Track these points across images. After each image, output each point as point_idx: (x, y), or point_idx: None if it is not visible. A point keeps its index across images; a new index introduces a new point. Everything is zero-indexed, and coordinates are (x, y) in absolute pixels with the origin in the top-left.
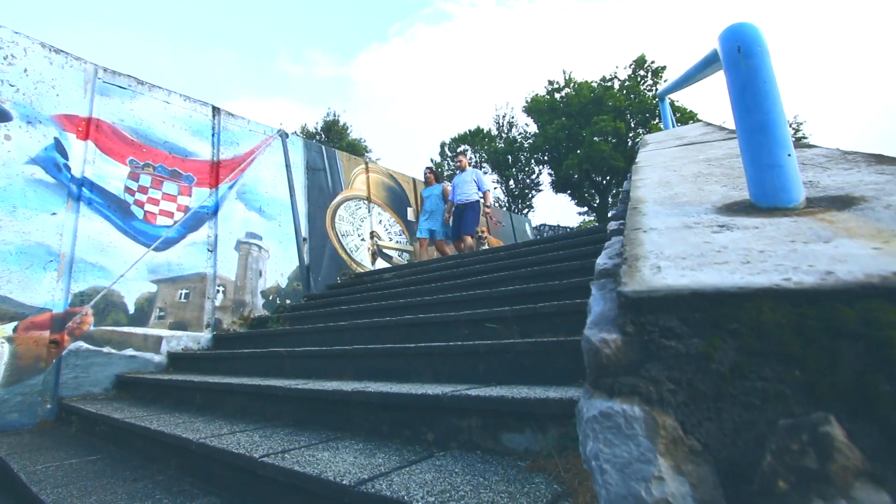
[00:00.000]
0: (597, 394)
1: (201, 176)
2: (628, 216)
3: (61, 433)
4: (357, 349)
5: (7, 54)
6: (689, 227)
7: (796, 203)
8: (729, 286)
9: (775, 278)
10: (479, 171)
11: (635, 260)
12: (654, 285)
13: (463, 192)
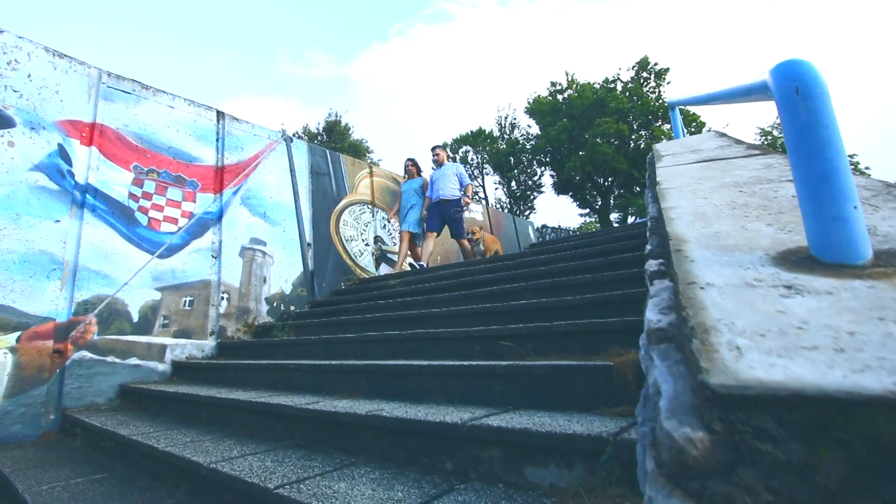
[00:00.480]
0: (678, 493)
1: (206, 181)
2: (675, 261)
3: (65, 446)
4: (368, 365)
5: (11, 59)
6: (752, 285)
7: (864, 260)
8: (834, 389)
9: (886, 382)
10: (460, 165)
11: (705, 333)
12: (744, 379)
13: (444, 188)
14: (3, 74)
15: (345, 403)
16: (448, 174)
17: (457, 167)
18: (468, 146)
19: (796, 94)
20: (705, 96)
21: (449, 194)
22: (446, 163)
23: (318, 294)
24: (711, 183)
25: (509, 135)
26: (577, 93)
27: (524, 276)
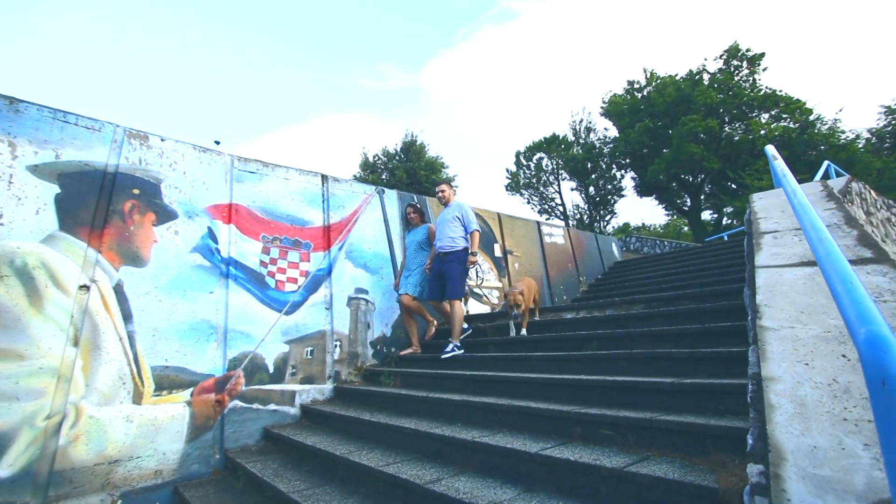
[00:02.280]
0: None
1: (316, 241)
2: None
3: (231, 486)
4: (477, 443)
5: (171, 161)
6: None
7: None
8: None
9: None
10: (467, 206)
11: None
12: None
13: (444, 237)
14: (167, 176)
15: (463, 484)
16: (448, 218)
17: (460, 207)
18: (542, 153)
19: (883, 385)
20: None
21: (448, 245)
22: (452, 202)
23: None
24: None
25: (585, 139)
26: (658, 90)
27: (618, 339)
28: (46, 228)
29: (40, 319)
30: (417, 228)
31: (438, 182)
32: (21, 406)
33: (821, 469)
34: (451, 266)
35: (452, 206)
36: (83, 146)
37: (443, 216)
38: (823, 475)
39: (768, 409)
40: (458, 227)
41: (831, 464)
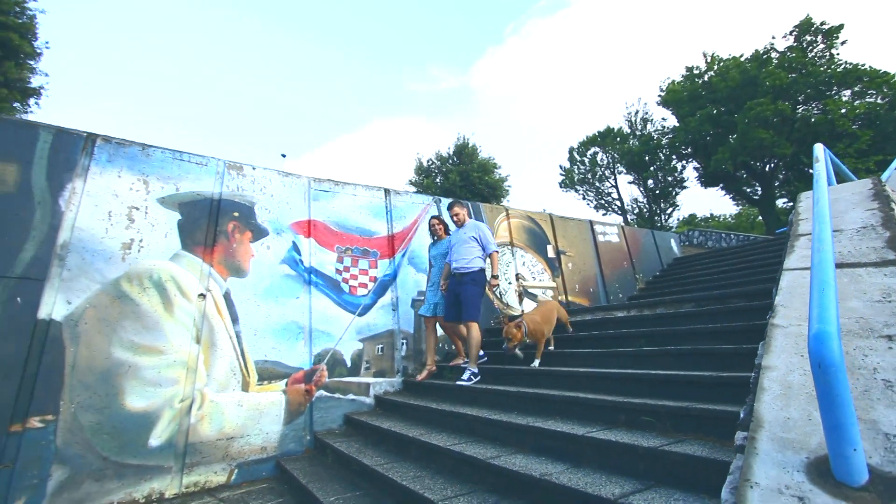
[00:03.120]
0: None
1: (382, 250)
2: (747, 449)
3: (322, 461)
4: (531, 427)
5: (261, 186)
6: (780, 491)
7: (859, 484)
8: None
9: None
10: (483, 226)
11: None
12: None
13: (460, 257)
14: (259, 199)
15: (519, 460)
16: (465, 238)
17: (477, 227)
18: (596, 147)
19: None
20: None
21: (463, 266)
22: (468, 222)
23: None
24: None
25: (641, 131)
26: (720, 74)
27: (665, 336)
28: (173, 248)
29: (172, 322)
30: (441, 241)
31: (451, 204)
32: (163, 391)
33: (788, 433)
34: (466, 287)
35: (468, 225)
36: (195, 179)
37: (458, 236)
38: (788, 437)
39: (759, 391)
40: (475, 247)
41: (797, 430)
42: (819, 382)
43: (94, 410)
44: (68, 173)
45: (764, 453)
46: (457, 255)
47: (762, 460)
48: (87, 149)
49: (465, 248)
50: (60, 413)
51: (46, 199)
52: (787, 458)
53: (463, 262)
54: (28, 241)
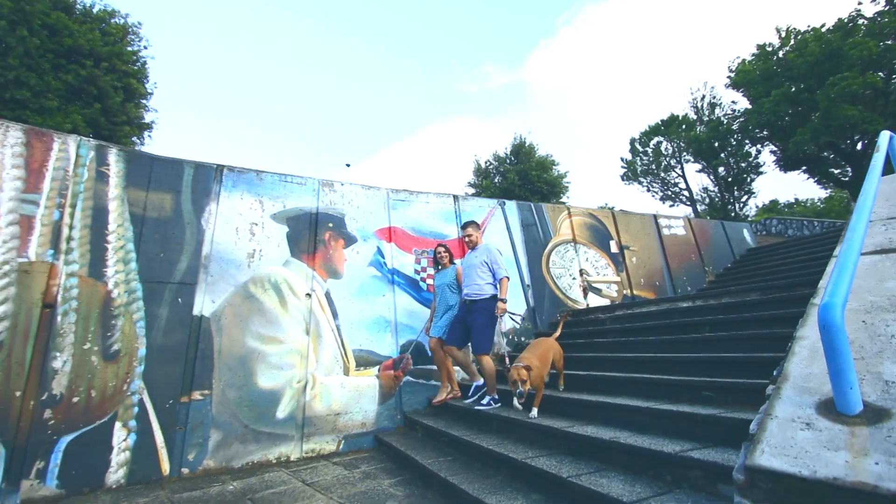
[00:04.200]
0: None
1: (454, 251)
2: (773, 394)
3: (412, 436)
4: (604, 403)
5: (349, 199)
6: (793, 420)
7: (854, 413)
8: (788, 472)
9: (815, 470)
10: (494, 249)
11: (758, 442)
12: (757, 464)
13: (471, 283)
14: (348, 211)
15: (590, 429)
16: (475, 263)
17: (488, 251)
18: (660, 136)
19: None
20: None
21: (474, 292)
22: (480, 244)
23: (539, 325)
24: (854, 301)
25: (709, 116)
26: (797, 49)
27: (729, 323)
28: (284, 256)
29: (288, 317)
30: (446, 270)
31: (465, 224)
32: (284, 373)
33: (807, 384)
34: (477, 316)
35: (480, 249)
36: (297, 197)
37: (469, 260)
38: (807, 386)
39: (791, 355)
40: (486, 272)
41: (815, 381)
42: (824, 340)
43: (236, 388)
44: (206, 198)
45: (785, 397)
46: (468, 281)
47: (783, 402)
48: (217, 177)
49: (476, 273)
50: (213, 389)
51: (192, 220)
52: (802, 400)
53: (474, 290)
54: (183, 254)
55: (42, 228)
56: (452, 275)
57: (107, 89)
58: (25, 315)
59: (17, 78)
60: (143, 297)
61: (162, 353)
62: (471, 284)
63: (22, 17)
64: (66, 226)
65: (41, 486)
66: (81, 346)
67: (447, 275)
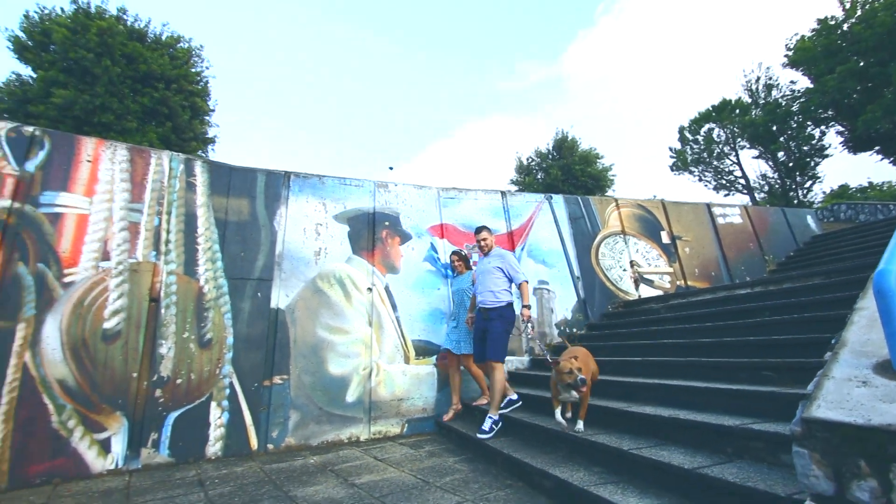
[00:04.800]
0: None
1: (503, 245)
2: (832, 357)
3: (470, 420)
4: (659, 385)
5: (403, 199)
6: (849, 379)
7: None
8: (844, 422)
9: (860, 418)
10: (509, 254)
11: (814, 399)
12: (814, 416)
13: (485, 290)
14: (402, 210)
15: (648, 409)
16: (489, 269)
17: (502, 257)
18: (711, 123)
19: None
20: None
21: (490, 300)
22: (493, 250)
23: (591, 317)
24: None
25: (765, 98)
26: (865, 20)
27: (789, 307)
28: (346, 253)
29: (352, 310)
30: (461, 276)
31: (479, 229)
32: (351, 361)
33: (864, 347)
34: (493, 323)
35: (493, 254)
36: (356, 198)
37: (483, 266)
38: (864, 350)
39: (849, 324)
40: (502, 278)
41: (872, 346)
42: (879, 305)
43: (310, 373)
44: (276, 202)
45: (842, 360)
46: (482, 288)
47: (840, 364)
48: (285, 183)
49: (491, 279)
50: (290, 374)
51: (266, 222)
52: (859, 362)
53: (489, 297)
54: (259, 253)
55: (146, 233)
56: (468, 281)
57: (176, 109)
58: (137, 308)
59: (103, 104)
60: (229, 292)
61: (246, 342)
62: (485, 292)
63: (105, 49)
64: (164, 230)
65: (156, 455)
66: (181, 335)
67: (463, 280)
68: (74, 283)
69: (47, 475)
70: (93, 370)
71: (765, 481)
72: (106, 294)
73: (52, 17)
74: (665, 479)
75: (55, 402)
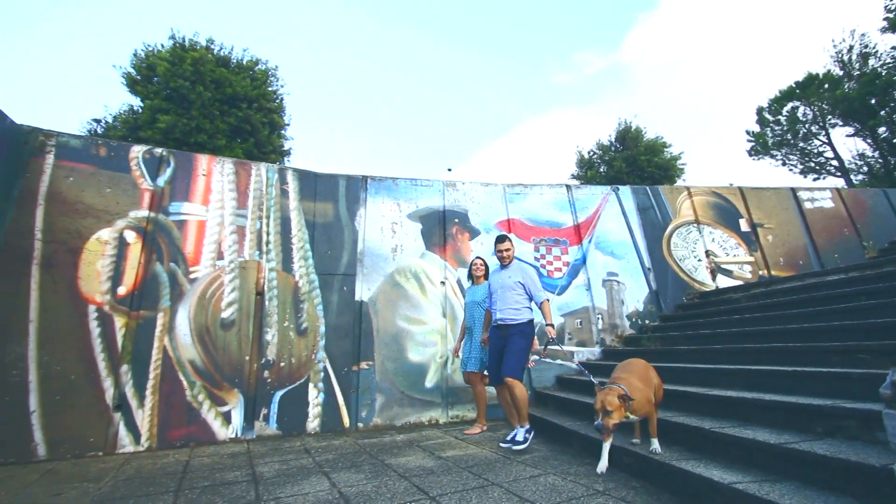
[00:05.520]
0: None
1: (570, 238)
2: None
3: (545, 407)
4: (740, 370)
5: (470, 196)
6: None
7: None
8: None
9: None
10: (531, 269)
11: None
12: None
13: (505, 306)
14: (470, 207)
15: (731, 393)
16: (509, 284)
17: (523, 271)
18: (795, 101)
19: None
20: None
21: (510, 317)
22: (513, 263)
23: (664, 308)
24: None
25: (860, 69)
26: None
27: (886, 291)
28: (420, 249)
29: (427, 302)
30: (478, 286)
31: (501, 238)
32: (428, 350)
33: None
34: (515, 339)
35: (513, 268)
36: (427, 197)
37: (500, 279)
38: None
39: None
40: (523, 294)
41: None
42: None
43: (392, 360)
44: (356, 204)
45: None
46: (501, 305)
47: None
48: (364, 186)
49: (511, 295)
50: (375, 360)
51: (348, 223)
52: None
53: (510, 314)
54: (344, 251)
55: (250, 235)
56: (485, 293)
57: (258, 126)
58: (246, 300)
59: (198, 125)
60: (320, 286)
61: (336, 331)
62: (505, 309)
63: (198, 77)
64: (264, 232)
65: (266, 427)
66: (282, 324)
67: (480, 291)
68: (198, 279)
69: (185, 439)
70: (215, 353)
71: (857, 455)
72: (222, 288)
73: (155, 52)
74: (749, 456)
75: (188, 379)
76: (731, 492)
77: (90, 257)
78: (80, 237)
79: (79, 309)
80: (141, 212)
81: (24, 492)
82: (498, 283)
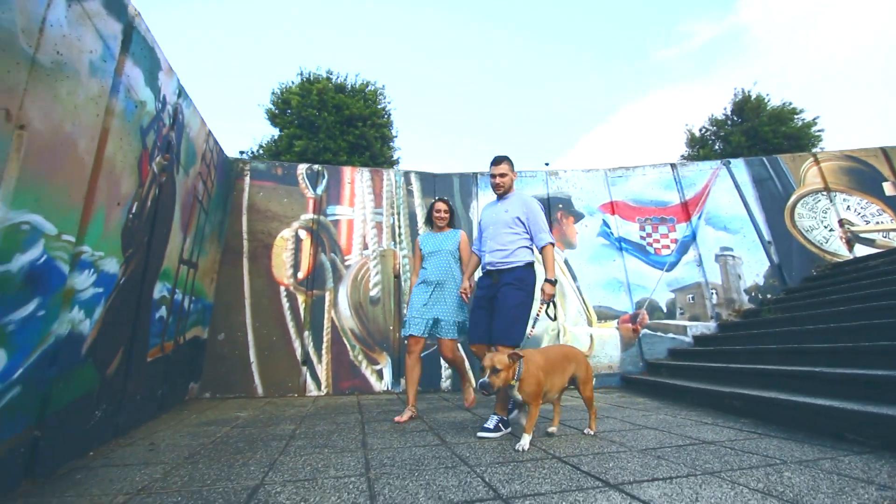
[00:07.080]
0: None
1: (677, 216)
2: None
3: (657, 375)
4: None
5: (572, 183)
6: None
7: None
8: None
9: None
10: (535, 203)
11: None
12: None
13: (498, 245)
14: (572, 193)
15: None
16: (505, 219)
17: (524, 203)
18: None
19: None
20: None
21: (502, 259)
22: (511, 193)
23: (789, 282)
24: None
25: None
26: None
27: None
28: None
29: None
30: (444, 232)
31: (498, 159)
32: (541, 323)
33: None
34: (510, 291)
35: (512, 199)
36: (532, 187)
37: (494, 214)
38: None
39: None
40: (520, 232)
41: None
42: None
43: None
44: (469, 197)
45: None
46: (492, 244)
47: None
48: (475, 181)
49: (505, 232)
50: None
51: (463, 214)
52: None
53: (501, 255)
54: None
55: (386, 229)
56: (454, 242)
57: (372, 141)
58: (387, 282)
59: (324, 146)
60: None
61: None
62: (497, 248)
63: (322, 104)
64: (396, 226)
65: None
66: None
67: (445, 239)
68: (351, 265)
69: (351, 389)
70: (367, 323)
71: None
72: (368, 272)
73: (288, 88)
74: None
75: (349, 343)
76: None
77: (278, 251)
78: (271, 236)
79: (273, 289)
80: (308, 215)
81: (263, 409)
82: (491, 219)
